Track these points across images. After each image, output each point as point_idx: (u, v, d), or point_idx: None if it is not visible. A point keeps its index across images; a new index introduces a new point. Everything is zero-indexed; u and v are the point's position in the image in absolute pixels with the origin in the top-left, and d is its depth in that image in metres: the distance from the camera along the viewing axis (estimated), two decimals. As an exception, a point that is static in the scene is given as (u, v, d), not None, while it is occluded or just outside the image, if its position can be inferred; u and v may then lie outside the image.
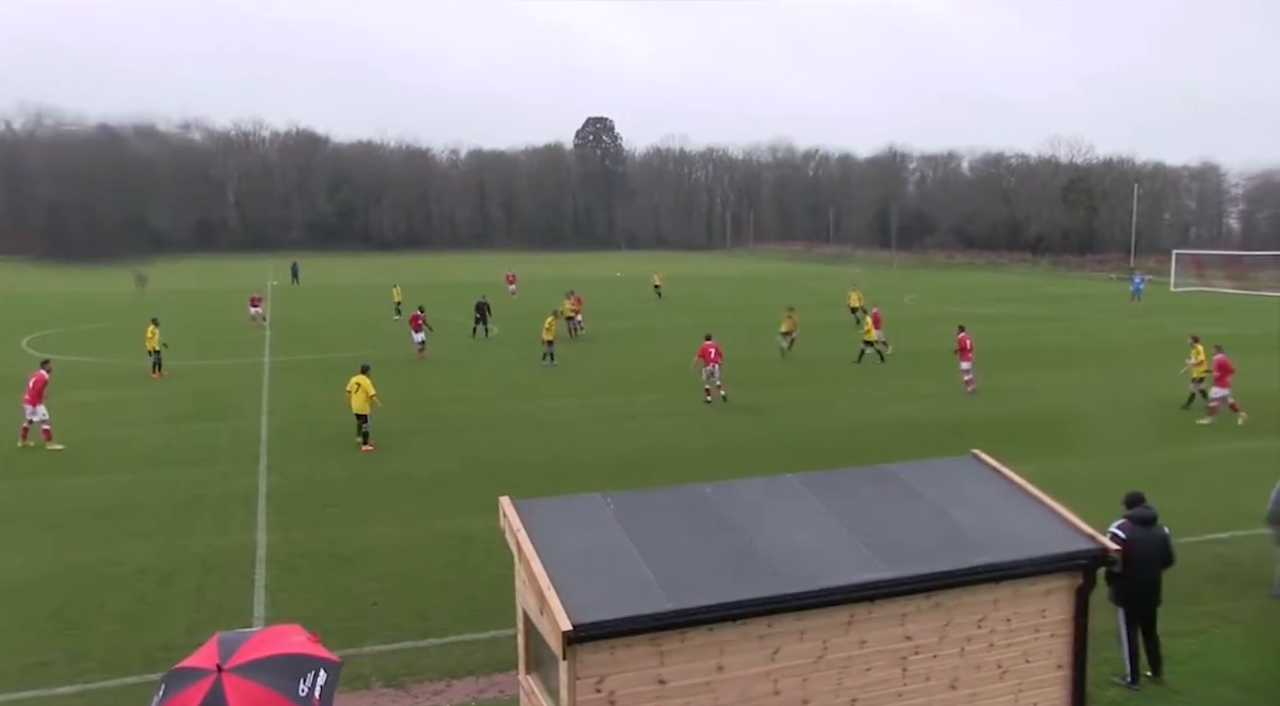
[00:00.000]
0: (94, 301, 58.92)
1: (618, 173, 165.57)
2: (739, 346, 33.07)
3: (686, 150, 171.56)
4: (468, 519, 15.01)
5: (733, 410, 24.32)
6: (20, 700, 9.76)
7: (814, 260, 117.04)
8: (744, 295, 63.32)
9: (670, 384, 28.03)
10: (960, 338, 26.74)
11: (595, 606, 6.29)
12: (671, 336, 38.40)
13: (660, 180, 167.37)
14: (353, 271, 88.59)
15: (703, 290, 67.69)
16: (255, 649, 2.70)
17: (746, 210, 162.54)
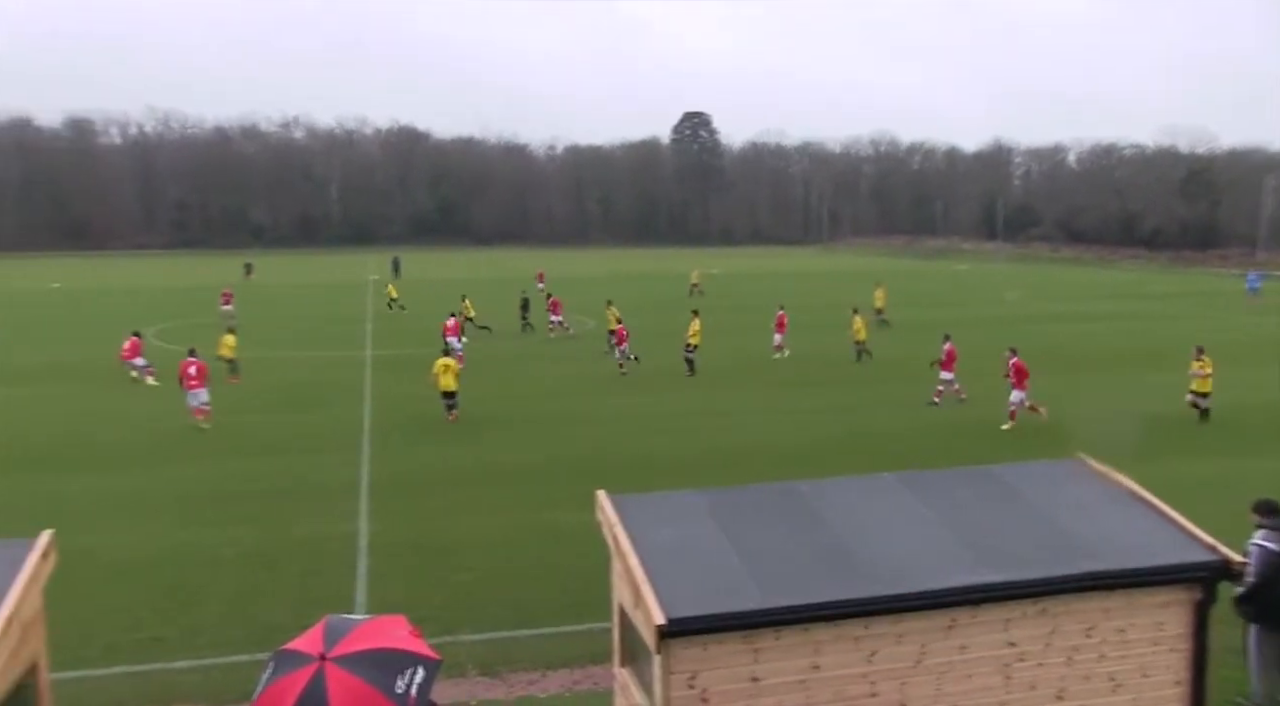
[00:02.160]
0: (206, 293, 61.14)
1: (714, 167, 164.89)
2: (817, 343, 32.71)
3: (783, 144, 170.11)
4: (560, 512, 15.13)
5: (825, 408, 23.98)
6: (139, 672, 10.20)
7: (915, 255, 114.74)
8: (833, 291, 62.47)
9: (757, 381, 27.81)
10: (946, 348, 25.15)
11: (689, 601, 6.26)
12: (759, 333, 38.10)
13: (757, 174, 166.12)
14: (452, 266, 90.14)
15: (794, 286, 66.97)
16: (359, 640, 2.73)
17: (845, 204, 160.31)
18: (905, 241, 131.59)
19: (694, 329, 29.68)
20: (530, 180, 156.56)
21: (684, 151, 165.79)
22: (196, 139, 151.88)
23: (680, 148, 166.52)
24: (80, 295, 59.80)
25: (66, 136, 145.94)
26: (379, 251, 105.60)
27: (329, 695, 2.55)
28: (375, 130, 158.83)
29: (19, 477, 18.18)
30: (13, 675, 6.14)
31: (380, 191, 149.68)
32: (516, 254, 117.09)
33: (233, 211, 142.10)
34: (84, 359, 33.01)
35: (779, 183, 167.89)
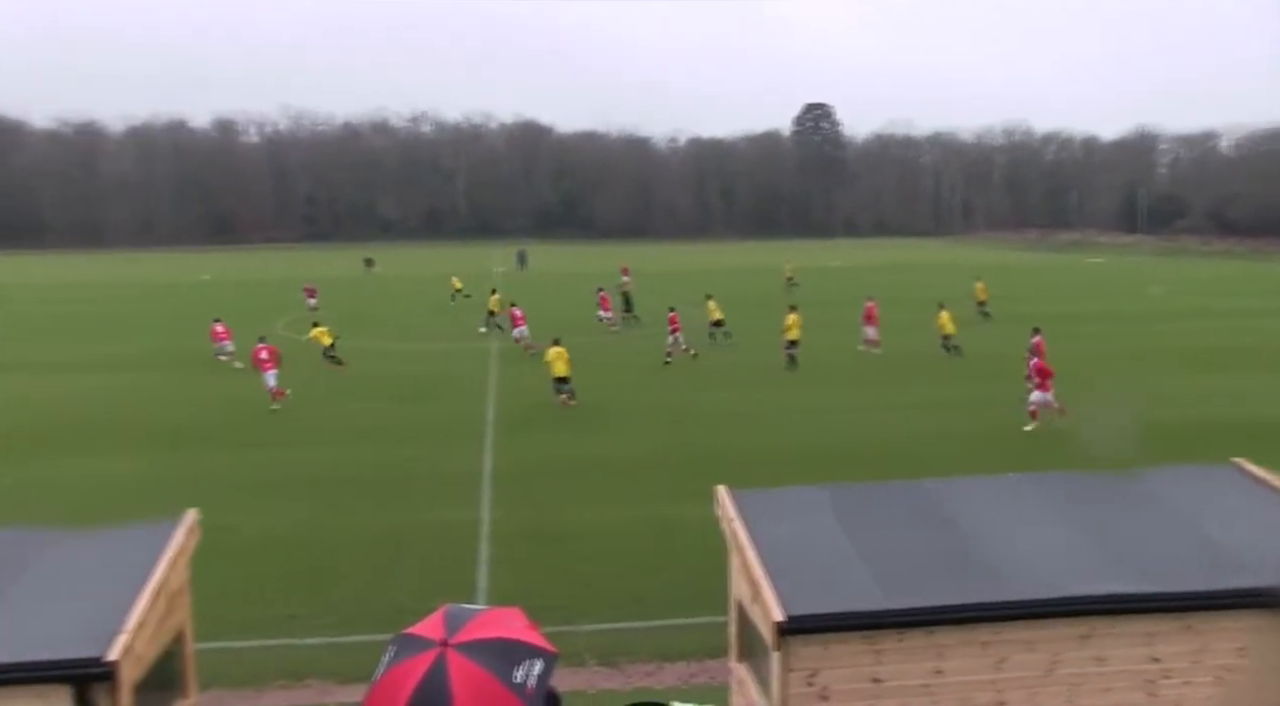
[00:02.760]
0: (332, 285, 63.40)
1: (837, 158, 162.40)
2: (922, 337, 31.76)
3: (912, 135, 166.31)
4: (676, 505, 15.10)
5: (938, 406, 23.30)
6: (274, 646, 10.66)
7: (1048, 249, 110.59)
8: (959, 285, 60.66)
9: (873, 377, 27.25)
10: (1035, 342, 24.11)
11: (809, 599, 6.15)
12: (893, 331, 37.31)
13: (882, 165, 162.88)
14: (575, 259, 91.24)
15: (916, 279, 65.36)
16: (480, 628, 2.75)
17: (976, 195, 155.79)
18: (1039, 234, 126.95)
19: (791, 323, 29.27)
20: (652, 173, 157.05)
21: (806, 143, 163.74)
22: (327, 135, 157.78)
23: (802, 139, 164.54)
24: (224, 287, 62.76)
25: (214, 136, 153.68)
26: (504, 244, 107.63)
27: (450, 680, 2.58)
28: (500, 124, 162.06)
29: (165, 456, 19.21)
30: (161, 642, 6.47)
31: (505, 185, 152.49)
32: (638, 248, 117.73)
33: (362, 205, 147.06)
34: (240, 347, 34.62)
35: (906, 174, 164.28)
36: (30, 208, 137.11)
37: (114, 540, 6.99)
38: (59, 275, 76.54)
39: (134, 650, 5.82)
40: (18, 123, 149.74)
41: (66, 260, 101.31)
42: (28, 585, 6.34)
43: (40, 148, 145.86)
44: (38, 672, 5.55)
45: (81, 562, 6.64)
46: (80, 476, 17.89)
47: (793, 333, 29.03)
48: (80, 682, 5.56)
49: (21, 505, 15.94)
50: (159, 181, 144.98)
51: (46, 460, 19.21)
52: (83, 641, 5.71)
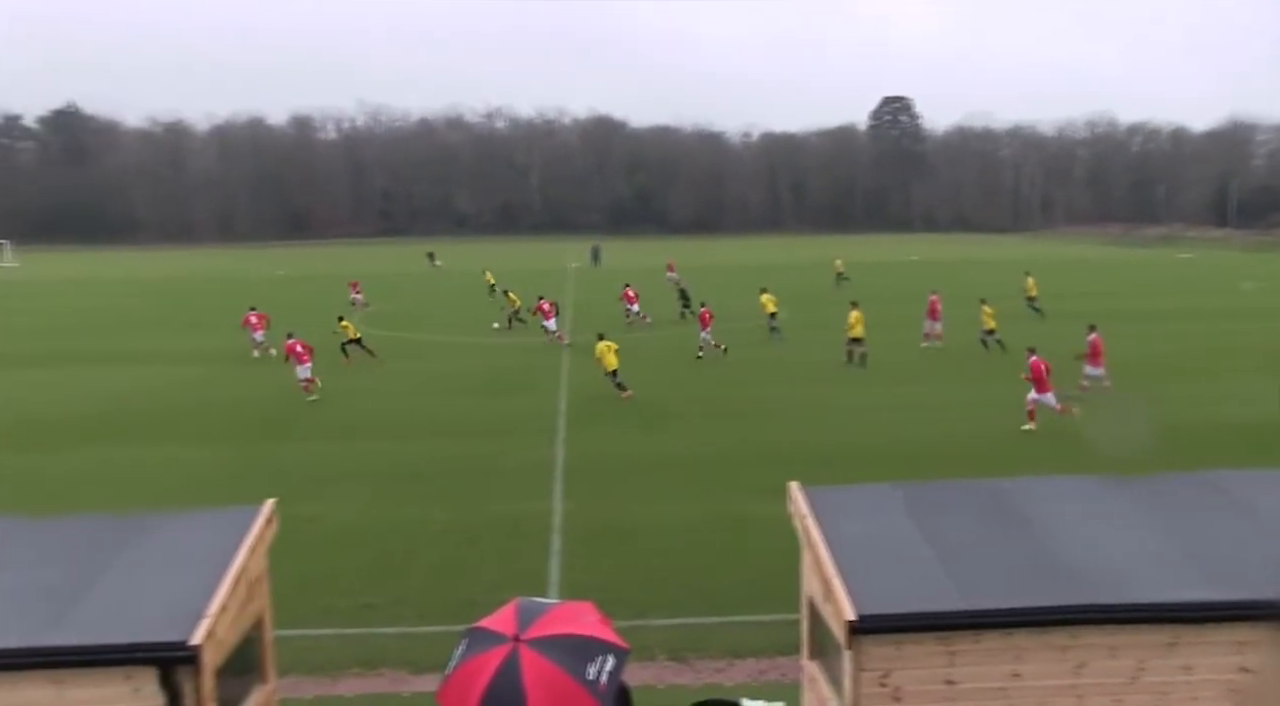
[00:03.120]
0: (406, 280, 64.37)
1: (915, 152, 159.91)
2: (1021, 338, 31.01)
3: (991, 128, 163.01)
4: (749, 501, 15.02)
5: (1005, 404, 22.69)
6: (350, 635, 10.86)
7: (1132, 243, 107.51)
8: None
9: (940, 374, 26.73)
10: (1091, 340, 23.51)
11: (882, 598, 6.06)
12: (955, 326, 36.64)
13: (962, 159, 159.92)
14: (648, 254, 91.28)
15: (993, 275, 64.01)
16: (552, 624, 2.75)
17: (1057, 189, 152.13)
18: (1122, 229, 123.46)
19: (854, 320, 28.79)
20: (724, 168, 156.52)
21: (883, 137, 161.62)
22: (403, 131, 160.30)
23: (879, 133, 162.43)
24: (299, 281, 64.17)
25: (291, 133, 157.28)
26: (577, 239, 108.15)
27: (523, 676, 2.58)
28: (574, 119, 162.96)
29: (244, 445, 19.72)
30: (241, 628, 6.63)
31: (578, 180, 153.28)
32: (710, 242, 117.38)
33: (437, 200, 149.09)
34: (315, 340, 35.40)
35: (986, 168, 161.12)
36: (124, 205, 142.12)
37: (196, 525, 7.18)
38: (148, 270, 79.03)
39: (215, 635, 5.97)
40: (113, 123, 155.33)
41: (156, 255, 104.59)
42: (115, 568, 6.55)
43: (133, 147, 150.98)
44: (126, 654, 5.73)
45: (165, 547, 6.83)
46: (161, 464, 18.48)
47: (856, 330, 28.66)
48: (165, 665, 5.72)
49: (105, 489, 16.55)
50: (239, 178, 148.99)
51: (130, 447, 19.87)
52: (167, 625, 5.87)
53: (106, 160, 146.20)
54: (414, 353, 32.87)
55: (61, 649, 5.73)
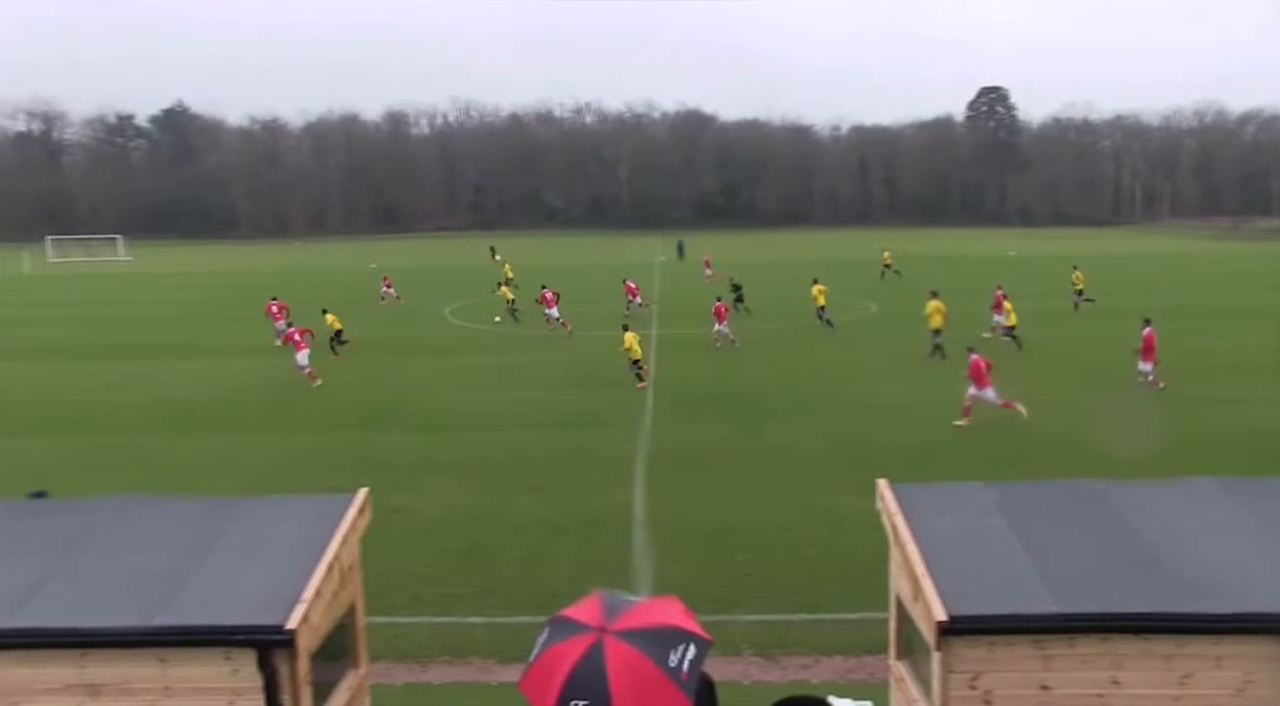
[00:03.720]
0: (489, 272, 65.15)
1: (1012, 144, 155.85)
2: None
3: (1091, 118, 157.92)
4: (837, 498, 14.86)
5: (1084, 404, 22.00)
6: (439, 624, 11.06)
7: (1242, 237, 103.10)
8: (1132, 277, 57.29)
9: (1046, 373, 25.97)
10: (1145, 334, 22.98)
11: (973, 599, 5.92)
12: (1045, 322, 35.64)
13: (1059, 151, 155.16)
14: (735, 248, 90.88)
15: (1090, 270, 62.00)
16: (637, 616, 2.76)
17: (1161, 181, 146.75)
18: (1231, 222, 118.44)
19: (932, 310, 28.58)
20: (814, 161, 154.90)
21: (979, 129, 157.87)
22: (493, 126, 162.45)
23: (975, 125, 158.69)
24: (390, 274, 65.40)
25: (385, 128, 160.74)
26: (665, 234, 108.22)
27: (606, 662, 2.59)
28: (663, 113, 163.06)
29: (340, 436, 20.22)
30: (335, 614, 6.80)
31: (667, 174, 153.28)
32: (799, 236, 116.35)
33: (526, 194, 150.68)
34: (395, 335, 36.19)
35: (1085, 160, 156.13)
36: (224, 201, 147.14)
37: (292, 511, 7.37)
38: (247, 263, 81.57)
39: (310, 620, 6.13)
40: (216, 122, 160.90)
41: (254, 249, 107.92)
42: (216, 550, 6.77)
43: (233, 144, 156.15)
44: (226, 636, 5.93)
45: (263, 531, 7.02)
46: (259, 451, 19.10)
47: (935, 320, 28.41)
48: (263, 647, 5.90)
49: (203, 475, 17.16)
50: (332, 173, 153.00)
51: (234, 435, 20.57)
52: (265, 609, 6.05)
53: (210, 158, 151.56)
54: (501, 345, 33.30)
55: (167, 629, 5.95)
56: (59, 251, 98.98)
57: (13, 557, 6.78)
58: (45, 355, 32.51)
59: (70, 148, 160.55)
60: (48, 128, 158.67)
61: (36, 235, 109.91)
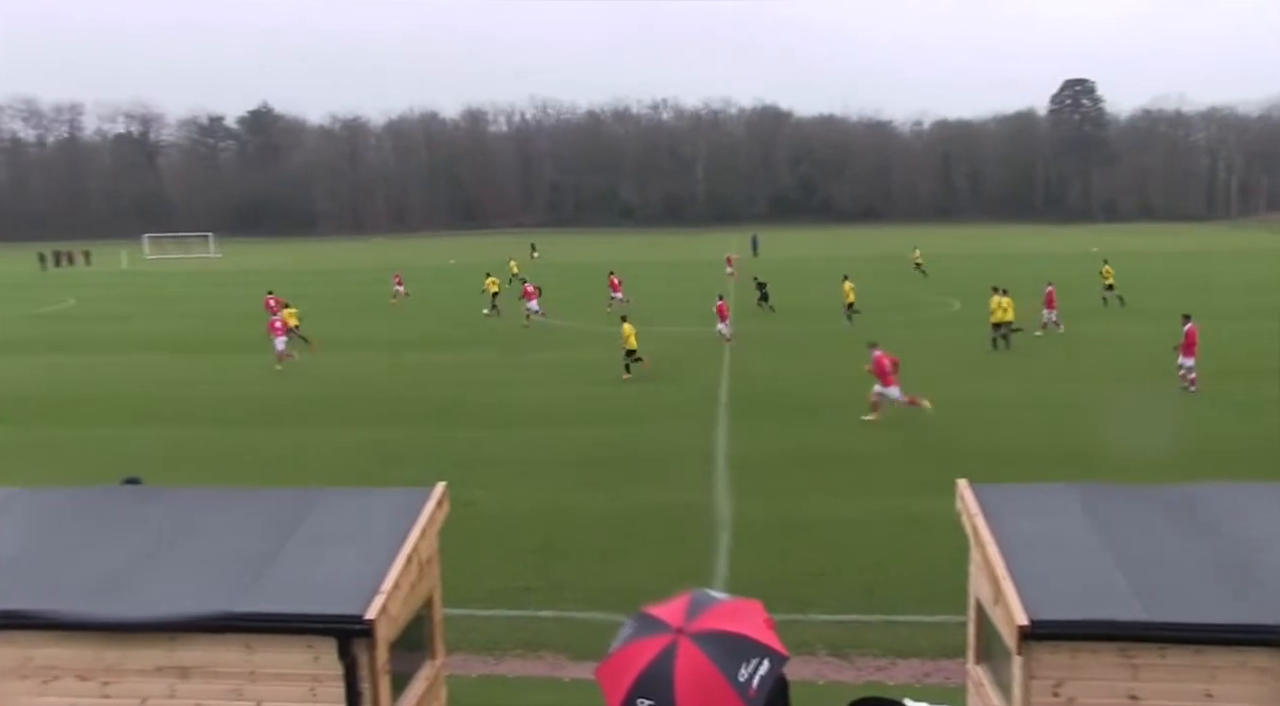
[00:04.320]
0: (578, 271, 65.48)
1: (1098, 138, 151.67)
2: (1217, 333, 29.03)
3: (1184, 111, 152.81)
4: (916, 498, 14.61)
5: (1212, 403, 21.26)
6: (511, 617, 11.16)
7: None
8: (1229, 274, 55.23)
9: (1135, 374, 25.20)
10: (1186, 330, 22.62)
11: (1056, 603, 5.77)
12: (1133, 319, 34.55)
13: (1149, 144, 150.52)
14: (811, 244, 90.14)
15: (1178, 268, 60.04)
16: (717, 618, 2.75)
17: (1259, 175, 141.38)
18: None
19: (996, 304, 28.96)
20: (893, 157, 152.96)
21: (1063, 122, 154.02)
22: (571, 123, 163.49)
23: (1059, 118, 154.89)
24: (468, 269, 66.26)
25: (463, 127, 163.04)
26: (741, 230, 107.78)
27: (675, 669, 2.58)
28: (739, 110, 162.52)
29: (418, 430, 20.53)
30: (413, 606, 6.91)
31: (743, 171, 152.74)
32: (877, 232, 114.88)
33: (603, 191, 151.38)
34: (468, 332, 36.65)
35: (1176, 153, 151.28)
36: (305, 199, 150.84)
37: (372, 503, 7.51)
38: (328, 260, 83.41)
39: (389, 611, 6.24)
40: (299, 122, 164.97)
41: (334, 246, 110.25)
42: (299, 539, 6.93)
43: (314, 143, 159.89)
44: (308, 624, 6.07)
45: (344, 522, 7.17)
46: (332, 445, 19.47)
47: (998, 314, 28.82)
48: (343, 636, 6.03)
49: (284, 467, 17.59)
50: (412, 171, 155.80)
51: (306, 429, 21.07)
52: (346, 599, 6.18)
53: (293, 157, 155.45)
54: (573, 341, 33.50)
55: (254, 615, 6.12)
56: (155, 248, 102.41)
57: (107, 542, 7.03)
58: (143, 348, 33.68)
59: (166, 149, 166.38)
60: (145, 130, 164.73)
61: (134, 232, 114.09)
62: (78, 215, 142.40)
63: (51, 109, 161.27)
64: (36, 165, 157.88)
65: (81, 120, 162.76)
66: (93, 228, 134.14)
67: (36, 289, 63.23)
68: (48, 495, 7.92)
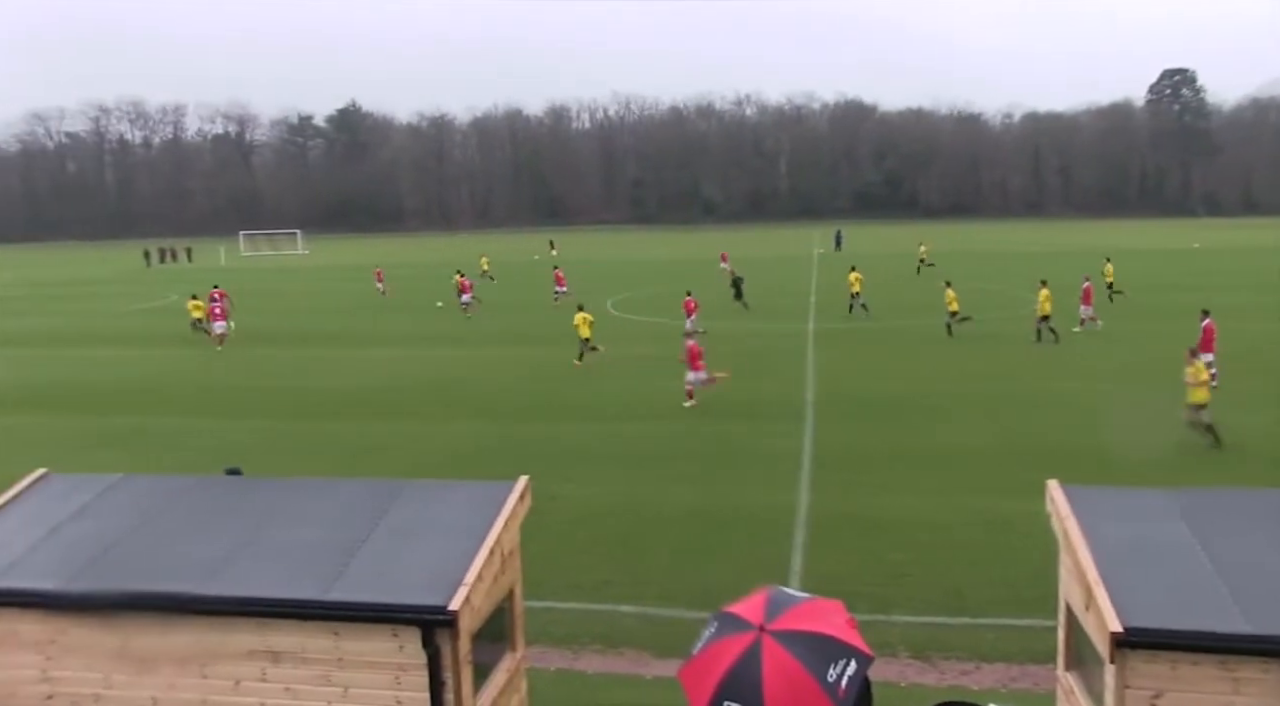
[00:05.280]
0: (660, 266, 65.52)
1: (1199, 129, 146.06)
2: None
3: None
4: (1003, 499, 14.29)
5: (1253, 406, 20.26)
6: (590, 610, 11.22)
7: None
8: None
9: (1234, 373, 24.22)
10: (1205, 325, 22.66)
11: (1151, 610, 5.57)
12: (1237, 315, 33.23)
13: (1256, 135, 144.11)
14: (895, 240, 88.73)
15: None
16: (799, 618, 2.71)
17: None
18: None
19: (1043, 298, 29.82)
20: (982, 150, 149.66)
21: (1162, 113, 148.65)
22: (653, 119, 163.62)
23: (1158, 109, 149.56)
24: (548, 266, 66.82)
25: (547, 123, 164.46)
26: (825, 225, 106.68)
27: (763, 668, 2.55)
28: (823, 104, 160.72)
29: (502, 424, 20.78)
30: (495, 598, 7.00)
31: (827, 165, 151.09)
32: (965, 227, 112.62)
33: (686, 187, 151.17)
34: (556, 328, 36.92)
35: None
36: (393, 195, 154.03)
37: (455, 495, 7.63)
38: (415, 255, 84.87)
39: (471, 602, 6.33)
40: (386, 120, 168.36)
41: (421, 242, 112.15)
42: (385, 530, 7.08)
43: (401, 141, 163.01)
44: (395, 613, 6.21)
45: (428, 514, 7.30)
46: (418, 438, 19.80)
47: (1046, 306, 29.67)
48: (427, 626, 6.14)
49: (373, 458, 17.94)
50: (497, 167, 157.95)
51: (393, 421, 21.45)
52: (431, 589, 6.30)
53: (380, 154, 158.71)
54: (658, 336, 33.52)
55: (340, 603, 6.29)
56: (249, 245, 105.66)
57: (207, 530, 7.30)
58: (241, 342, 34.74)
59: (259, 148, 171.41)
60: (241, 130, 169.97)
61: (230, 229, 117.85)
62: (179, 213, 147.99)
63: (157, 111, 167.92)
64: (143, 165, 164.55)
65: (184, 121, 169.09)
66: (192, 225, 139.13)
67: (144, 284, 65.83)
68: (155, 481, 8.26)
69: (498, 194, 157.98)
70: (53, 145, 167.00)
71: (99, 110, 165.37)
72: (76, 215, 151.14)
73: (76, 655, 6.70)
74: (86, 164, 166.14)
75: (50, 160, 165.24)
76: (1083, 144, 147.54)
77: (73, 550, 7.08)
